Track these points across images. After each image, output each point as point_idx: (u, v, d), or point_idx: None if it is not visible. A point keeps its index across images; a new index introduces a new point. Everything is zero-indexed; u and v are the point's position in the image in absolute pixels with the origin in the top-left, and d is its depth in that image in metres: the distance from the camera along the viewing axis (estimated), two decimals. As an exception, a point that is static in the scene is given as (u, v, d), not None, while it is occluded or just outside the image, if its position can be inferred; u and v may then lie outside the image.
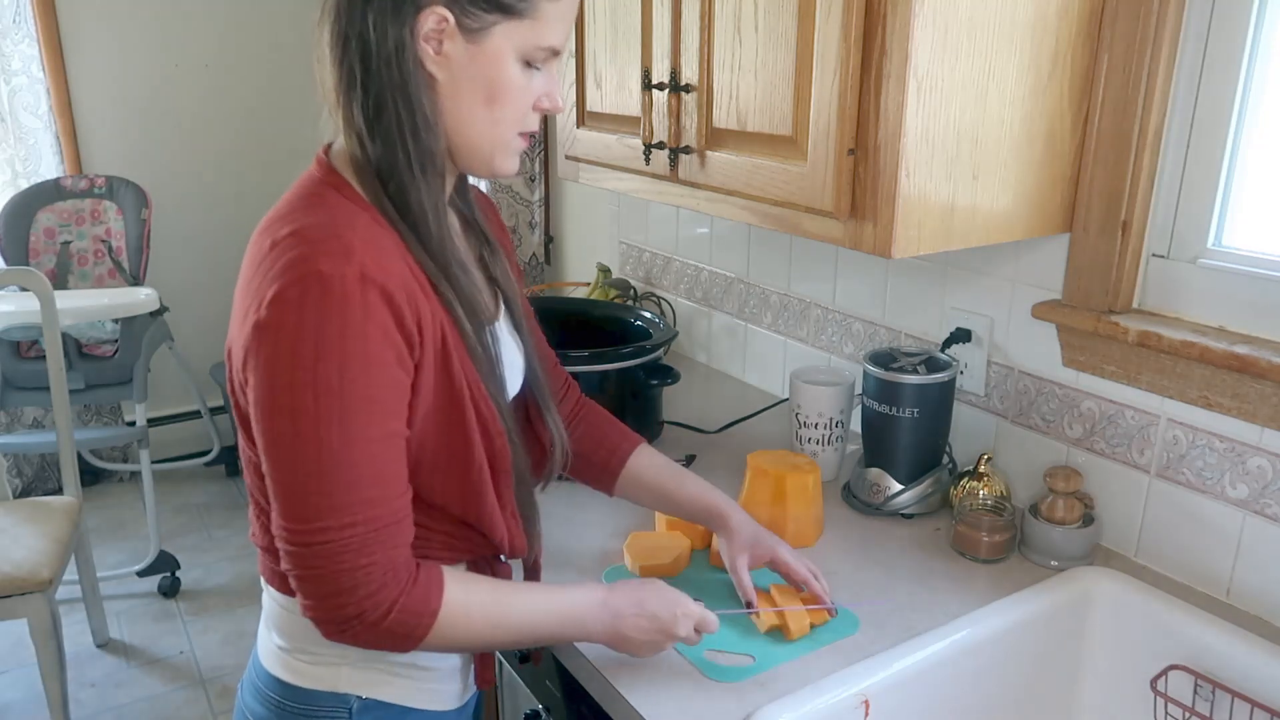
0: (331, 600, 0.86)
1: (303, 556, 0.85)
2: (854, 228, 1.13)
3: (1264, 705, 1.07)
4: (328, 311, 0.81)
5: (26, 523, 2.22)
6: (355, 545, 0.85)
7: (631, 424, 1.60)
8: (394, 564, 0.88)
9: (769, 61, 1.18)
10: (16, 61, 3.06)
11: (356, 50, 0.87)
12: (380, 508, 0.87)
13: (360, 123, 0.89)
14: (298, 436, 0.83)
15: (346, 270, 0.82)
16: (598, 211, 2.46)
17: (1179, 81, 1.19)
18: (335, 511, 0.84)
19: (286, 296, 0.82)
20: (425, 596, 0.89)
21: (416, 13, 0.86)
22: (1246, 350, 1.12)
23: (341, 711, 0.99)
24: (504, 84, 0.90)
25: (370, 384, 0.84)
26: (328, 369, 0.82)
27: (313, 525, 0.84)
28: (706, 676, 1.06)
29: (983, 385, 1.48)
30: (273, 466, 0.85)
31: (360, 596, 0.86)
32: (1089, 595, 1.23)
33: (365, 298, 0.82)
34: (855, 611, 1.17)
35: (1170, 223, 1.23)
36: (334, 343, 0.82)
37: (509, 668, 1.40)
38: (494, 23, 0.88)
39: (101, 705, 2.45)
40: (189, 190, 3.47)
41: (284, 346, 0.82)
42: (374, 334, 0.83)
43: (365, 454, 0.85)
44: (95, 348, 2.93)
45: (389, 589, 0.87)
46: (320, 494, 0.84)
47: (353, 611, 0.86)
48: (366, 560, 0.86)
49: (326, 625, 0.88)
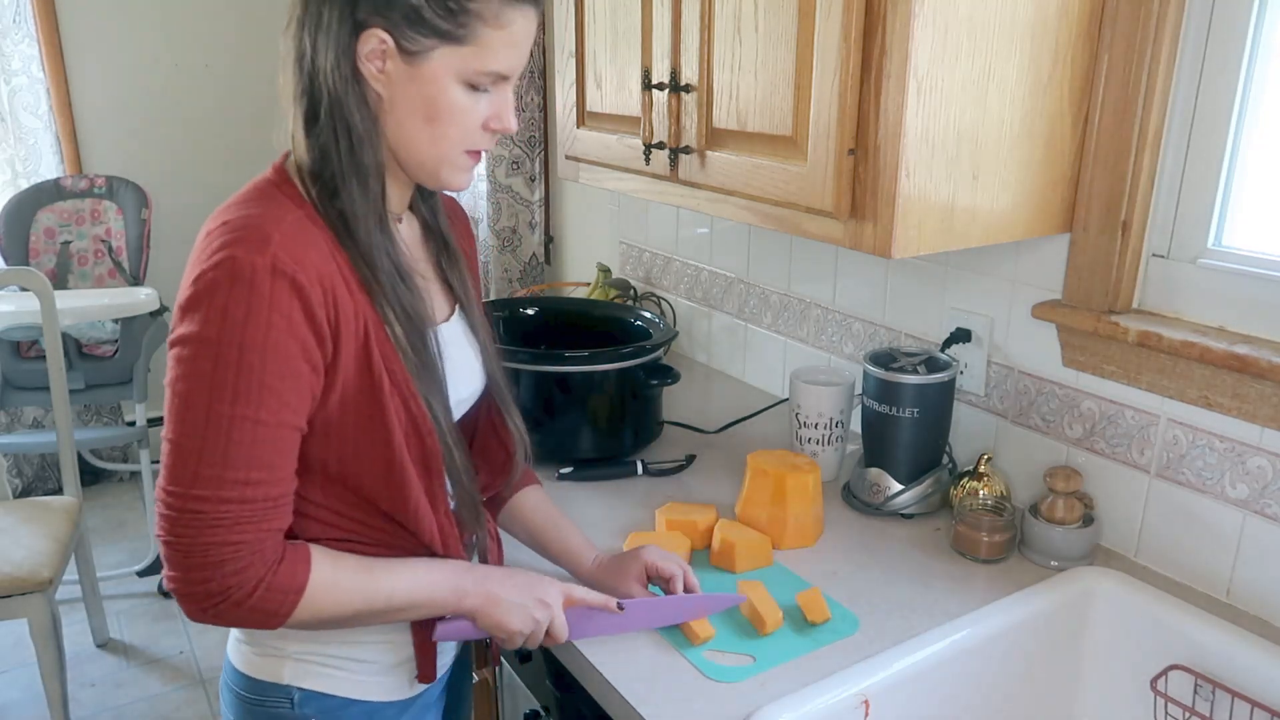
0: (196, 574, 0.87)
1: (174, 523, 0.87)
2: (854, 228, 1.13)
3: (1264, 705, 1.07)
4: (236, 297, 0.85)
5: (26, 523, 2.22)
6: (228, 521, 0.87)
7: (631, 424, 1.61)
8: (263, 544, 0.89)
9: (769, 61, 1.18)
10: (16, 61, 3.06)
11: (307, 63, 0.92)
12: (256, 489, 0.88)
13: (301, 129, 0.94)
14: (192, 403, 0.86)
15: (258, 260, 0.86)
16: (598, 211, 2.46)
17: (1179, 81, 1.19)
18: (213, 483, 0.86)
19: (204, 278, 0.86)
20: (291, 573, 0.90)
21: (357, 33, 0.90)
22: (1246, 350, 1.12)
23: (285, 703, 1.02)
24: (444, 105, 0.93)
25: (266, 371, 0.86)
26: (229, 347, 0.85)
27: (190, 492, 0.86)
28: (706, 676, 1.06)
29: (983, 385, 1.48)
30: (168, 428, 0.88)
31: (226, 573, 0.87)
32: (1089, 595, 1.23)
33: (273, 287, 0.86)
34: (854, 609, 1.17)
35: (1170, 223, 1.24)
36: (238, 326, 0.85)
37: (509, 668, 1.40)
38: (432, 47, 0.91)
39: (101, 705, 2.45)
40: (189, 190, 3.47)
41: (196, 324, 0.86)
42: (278, 323, 0.86)
43: (250, 435, 0.87)
44: (95, 348, 2.93)
45: (255, 568, 0.88)
46: (201, 463, 0.86)
47: (216, 588, 0.87)
48: (236, 538, 0.87)
49: (189, 601, 0.88)
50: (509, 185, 2.70)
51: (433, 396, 0.98)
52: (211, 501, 0.86)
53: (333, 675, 1.02)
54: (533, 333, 1.75)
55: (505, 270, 2.77)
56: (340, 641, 1.02)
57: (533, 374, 1.53)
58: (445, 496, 1.02)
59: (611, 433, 1.59)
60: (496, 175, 2.69)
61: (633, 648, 1.11)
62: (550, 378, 1.54)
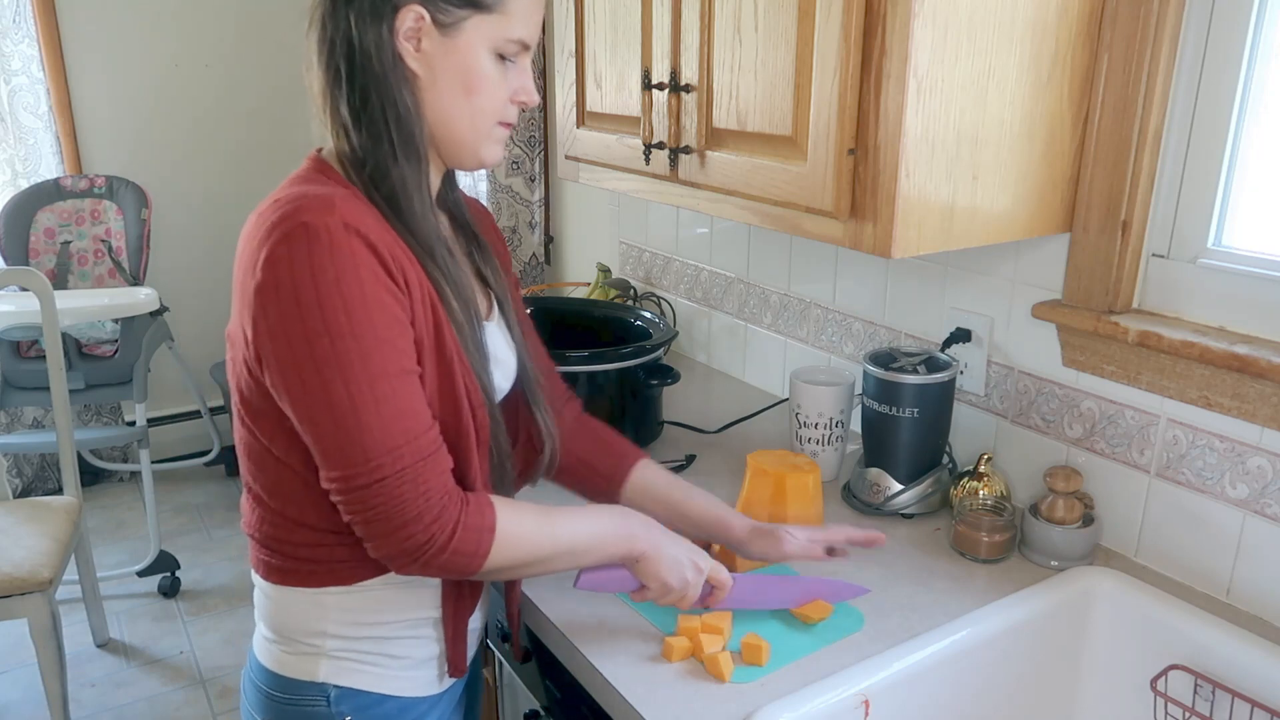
0: (401, 533, 0.90)
1: (363, 499, 0.89)
2: (854, 228, 1.13)
3: (1264, 705, 1.07)
4: (319, 259, 0.86)
5: (26, 523, 2.22)
6: (410, 476, 0.89)
7: (631, 424, 1.61)
8: (447, 489, 0.92)
9: (769, 61, 1.18)
10: (16, 61, 3.07)
11: (341, 51, 0.93)
12: (419, 439, 0.91)
13: (346, 116, 0.95)
14: (325, 384, 0.87)
15: (329, 220, 0.86)
16: (598, 211, 2.46)
17: (1179, 81, 1.19)
18: (380, 449, 0.88)
19: (277, 254, 0.86)
20: (480, 513, 0.94)
21: (395, 12, 0.92)
22: (1246, 350, 1.12)
23: (320, 700, 1.02)
24: (479, 75, 0.96)
25: (375, 324, 0.88)
26: (334, 313, 0.86)
27: (364, 467, 0.88)
28: (707, 675, 1.06)
29: (983, 385, 1.48)
30: (309, 421, 0.89)
31: (427, 522, 0.90)
32: (1089, 595, 1.23)
33: (351, 243, 0.87)
34: (859, 607, 1.17)
35: (1170, 223, 1.23)
36: (332, 287, 0.86)
37: (509, 668, 1.40)
38: (465, 17, 0.94)
39: (101, 705, 2.45)
40: (189, 190, 3.47)
41: (287, 301, 0.86)
42: (367, 276, 0.87)
43: (391, 389, 0.89)
44: (95, 348, 2.93)
45: (449, 511, 0.91)
46: (361, 433, 0.88)
47: (422, 538, 0.90)
48: (424, 487, 0.90)
49: (400, 560, 0.92)
50: (509, 185, 2.70)
51: (482, 372, 1.01)
52: (386, 466, 0.88)
53: (368, 671, 1.03)
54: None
55: (505, 270, 2.77)
56: (375, 637, 1.03)
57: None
58: (486, 473, 1.03)
59: (611, 433, 1.59)
60: (496, 175, 2.69)
61: (632, 647, 1.11)
62: (550, 378, 1.54)
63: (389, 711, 1.05)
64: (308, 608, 1.01)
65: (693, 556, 1.07)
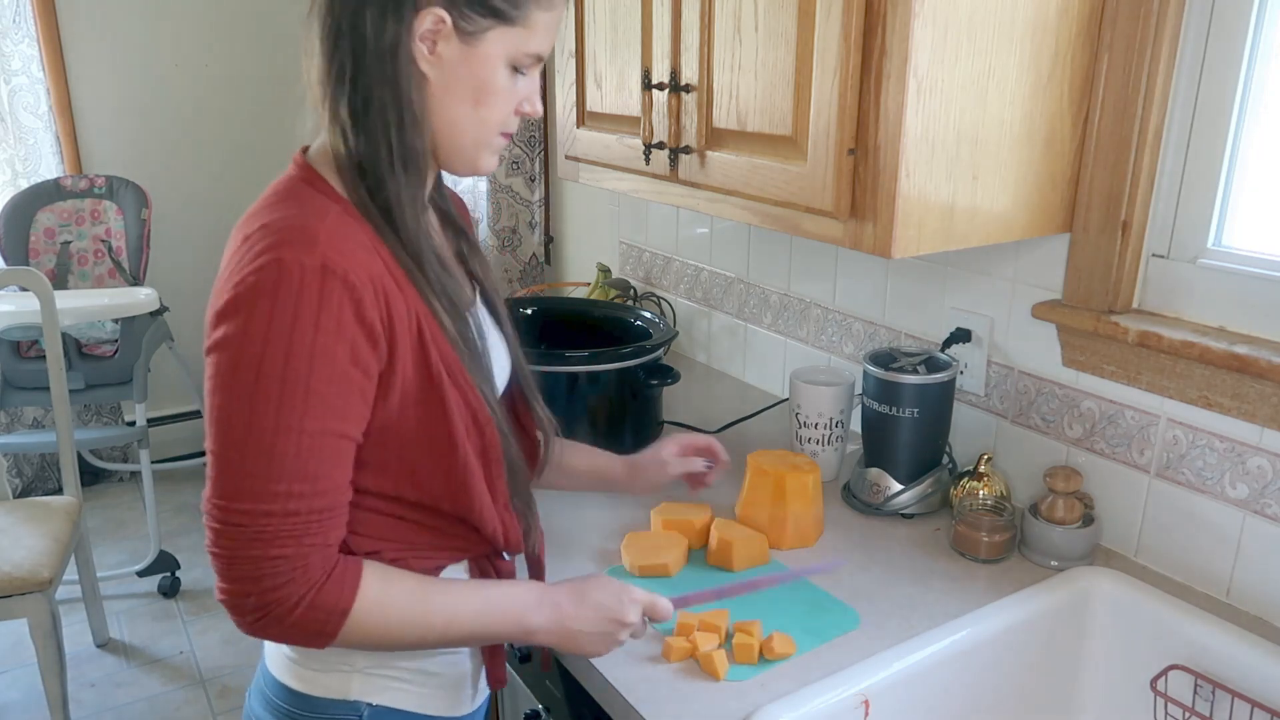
0: (239, 586, 0.86)
1: (218, 535, 0.85)
2: (854, 228, 1.13)
3: (1264, 705, 1.07)
4: (282, 299, 0.82)
5: (26, 523, 2.22)
6: (268, 535, 0.84)
7: (631, 424, 1.61)
8: (306, 560, 0.86)
9: (769, 61, 1.18)
10: (16, 61, 3.06)
11: (349, 45, 0.88)
12: (300, 502, 0.85)
13: (346, 117, 0.90)
14: (233, 413, 0.83)
15: (307, 260, 0.83)
16: (598, 211, 2.46)
17: (1179, 81, 1.19)
18: (254, 496, 0.84)
19: (246, 283, 0.83)
20: (338, 594, 0.87)
21: (415, 11, 0.87)
22: (1246, 350, 1.12)
23: (352, 718, 0.98)
24: (492, 87, 0.92)
25: (313, 377, 0.83)
26: (274, 354, 0.82)
27: (232, 505, 0.84)
28: (707, 675, 1.06)
29: (983, 385, 1.48)
30: (210, 439, 0.85)
31: (266, 588, 0.85)
32: (1089, 595, 1.23)
33: (323, 288, 0.83)
34: (855, 605, 1.17)
35: (1170, 223, 1.23)
36: (284, 330, 0.82)
37: (509, 668, 1.40)
38: (488, 27, 0.90)
39: (101, 705, 2.45)
40: (189, 190, 3.47)
41: (237, 329, 0.83)
42: (326, 326, 0.83)
43: (295, 445, 0.84)
44: (95, 348, 2.93)
45: (296, 585, 0.85)
46: (243, 474, 0.83)
47: (257, 603, 0.85)
48: (276, 552, 0.84)
49: (235, 614, 0.87)
50: (509, 185, 2.70)
51: (485, 385, 0.97)
52: (252, 515, 0.84)
53: (403, 689, 1.00)
54: (533, 333, 1.75)
55: (505, 270, 2.77)
56: (409, 655, 1.00)
57: (532, 374, 1.53)
58: (504, 489, 1.00)
59: (611, 433, 1.59)
60: (496, 175, 2.69)
61: (632, 647, 1.11)
62: (550, 378, 1.54)
63: None
64: None
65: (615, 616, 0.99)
